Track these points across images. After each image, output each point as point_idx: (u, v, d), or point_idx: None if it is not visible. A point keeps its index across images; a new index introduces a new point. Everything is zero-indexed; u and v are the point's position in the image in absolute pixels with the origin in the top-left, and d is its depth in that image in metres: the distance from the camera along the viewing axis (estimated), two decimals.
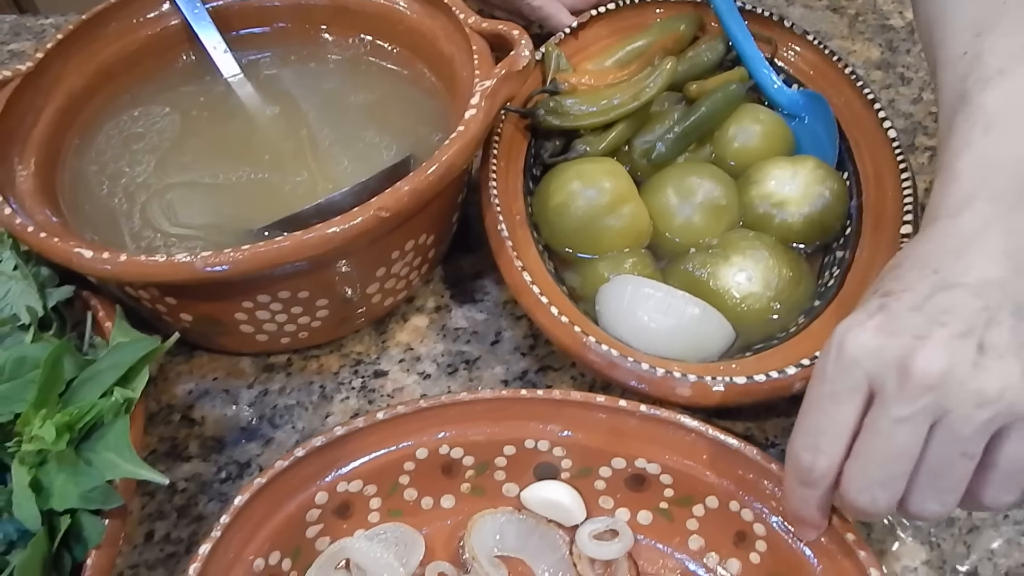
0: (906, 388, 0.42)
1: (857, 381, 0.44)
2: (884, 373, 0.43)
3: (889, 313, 0.45)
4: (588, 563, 0.56)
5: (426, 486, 0.59)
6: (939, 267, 0.46)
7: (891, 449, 0.44)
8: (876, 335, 0.44)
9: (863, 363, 0.44)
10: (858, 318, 0.45)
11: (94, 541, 0.49)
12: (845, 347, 0.44)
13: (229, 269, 0.55)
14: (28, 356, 0.54)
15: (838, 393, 0.45)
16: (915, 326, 0.43)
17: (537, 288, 0.62)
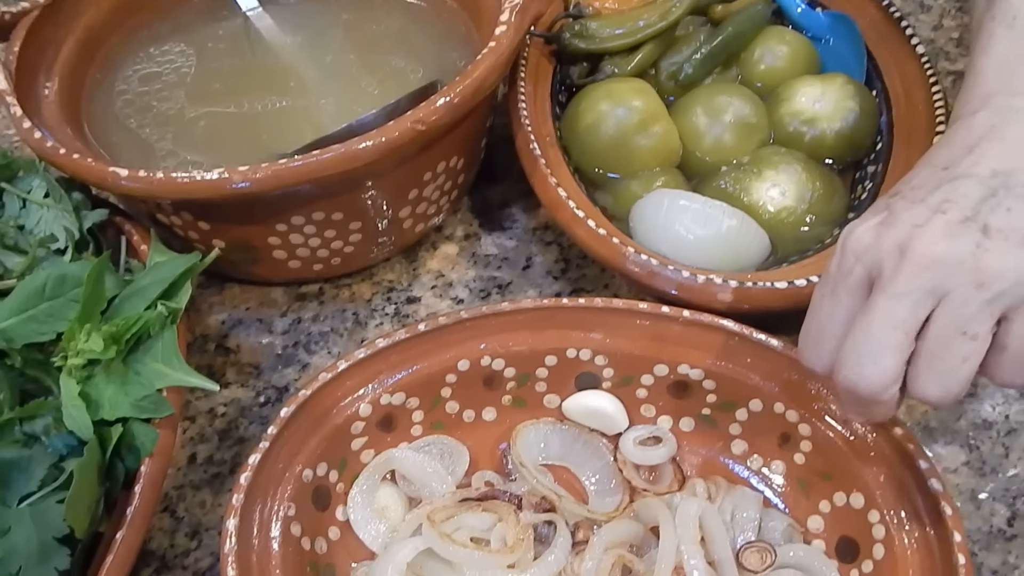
0: (903, 269, 0.42)
1: (857, 277, 0.44)
2: (882, 260, 0.43)
3: (892, 210, 0.44)
4: (633, 469, 0.56)
5: (468, 399, 0.59)
6: (949, 163, 0.45)
7: (884, 322, 0.42)
8: (876, 230, 0.44)
9: (862, 257, 0.44)
10: (864, 218, 0.46)
11: (147, 449, 0.49)
12: (847, 245, 0.45)
13: (267, 183, 0.55)
14: (69, 274, 0.54)
15: (838, 291, 0.45)
16: (915, 216, 0.43)
17: (573, 203, 0.62)
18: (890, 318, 0.42)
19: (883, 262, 0.43)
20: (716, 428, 0.58)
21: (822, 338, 0.46)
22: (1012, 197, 0.42)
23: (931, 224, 0.42)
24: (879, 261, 0.43)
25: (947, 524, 0.47)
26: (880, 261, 0.43)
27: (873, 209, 0.46)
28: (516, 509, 0.53)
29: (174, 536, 0.57)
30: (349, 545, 0.54)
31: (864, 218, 0.46)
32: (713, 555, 0.50)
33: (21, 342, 0.53)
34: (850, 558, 0.51)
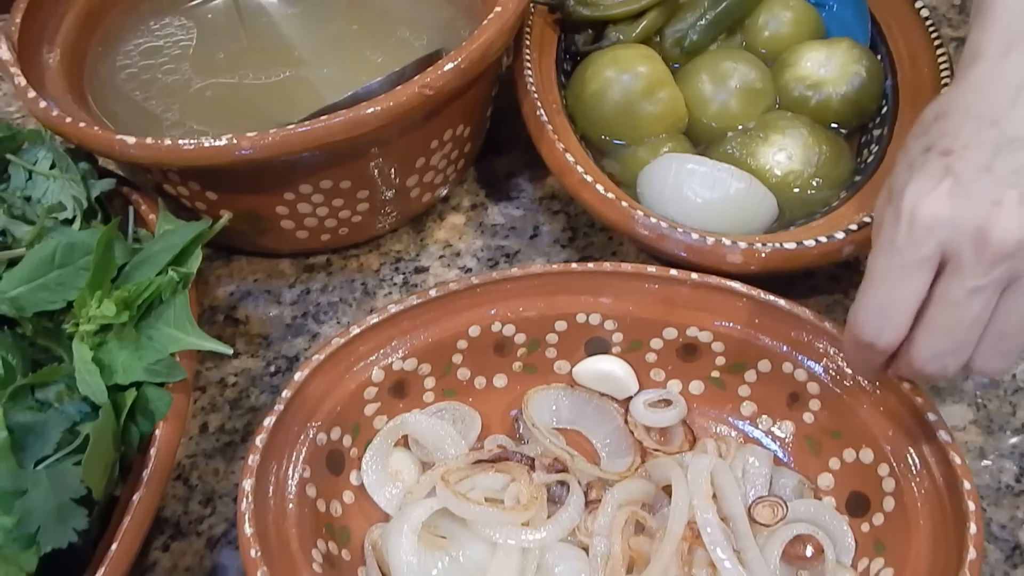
0: (983, 257, 0.41)
1: (930, 252, 0.43)
2: (960, 242, 0.42)
3: (957, 177, 0.43)
4: (644, 431, 0.57)
5: (479, 365, 0.59)
6: (996, 119, 0.44)
7: (965, 319, 0.43)
8: (950, 203, 0.42)
9: (937, 233, 0.42)
10: (924, 184, 0.43)
11: (161, 413, 0.49)
12: (918, 216, 0.43)
13: (275, 149, 0.55)
14: (78, 243, 0.54)
15: (908, 266, 0.43)
16: (988, 190, 0.42)
17: (581, 168, 0.62)
18: (970, 316, 0.43)
19: (960, 246, 0.42)
20: (725, 390, 0.58)
21: (890, 315, 0.45)
22: None
23: (1006, 203, 0.42)
24: (956, 243, 0.42)
25: (956, 473, 0.47)
26: (957, 243, 0.42)
27: (928, 171, 0.44)
28: (529, 470, 0.53)
29: (188, 503, 0.58)
30: (364, 509, 0.54)
31: (924, 184, 0.43)
32: (725, 510, 0.51)
33: (32, 310, 0.53)
34: (860, 512, 0.52)
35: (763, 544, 0.50)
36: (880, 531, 0.50)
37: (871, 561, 0.50)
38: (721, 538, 0.49)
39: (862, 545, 0.51)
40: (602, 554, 0.50)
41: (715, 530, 0.49)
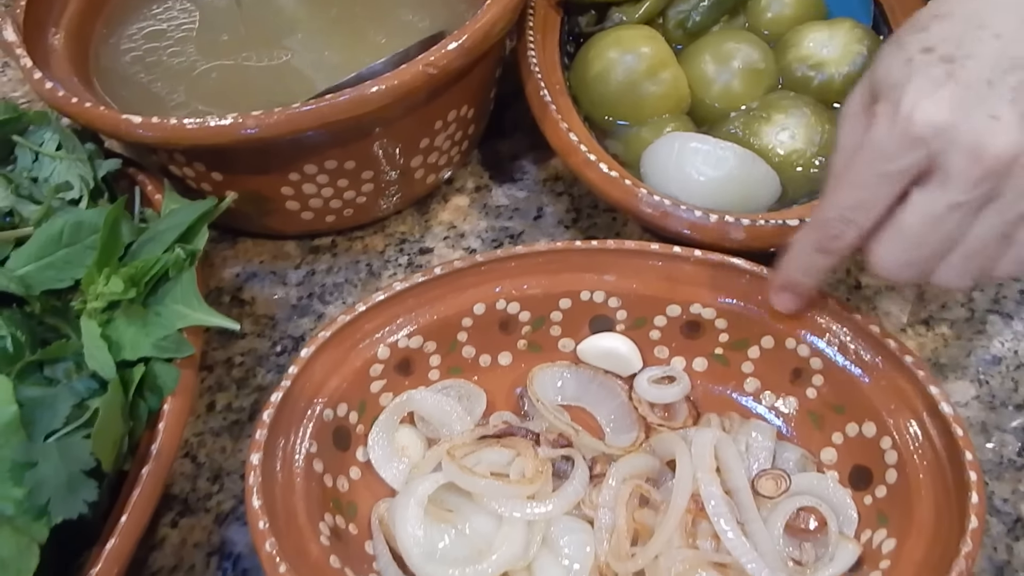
0: (972, 173, 0.41)
1: (920, 159, 0.42)
2: (952, 154, 0.41)
3: (960, 85, 0.41)
4: (648, 407, 0.57)
5: (484, 343, 0.59)
6: (1000, 32, 0.42)
7: (939, 234, 0.43)
8: (950, 110, 0.41)
9: (932, 141, 0.41)
10: (925, 86, 0.41)
11: (169, 388, 0.49)
12: (916, 119, 0.41)
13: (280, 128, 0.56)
14: (85, 221, 0.54)
15: (894, 172, 0.42)
16: (988, 104, 0.41)
17: (584, 147, 0.62)
18: (946, 231, 0.43)
19: (954, 157, 0.41)
20: (728, 367, 0.58)
21: (859, 217, 0.44)
22: None
23: (1005, 119, 0.41)
24: (949, 154, 0.41)
25: (958, 445, 0.47)
26: (951, 154, 0.41)
27: (928, 75, 0.42)
28: (534, 445, 0.53)
29: (196, 480, 0.58)
30: (371, 484, 0.54)
31: (923, 87, 0.42)
32: (728, 483, 0.51)
33: (39, 289, 0.53)
34: (863, 485, 0.52)
35: (767, 516, 0.51)
36: (883, 503, 0.51)
37: (874, 532, 0.50)
38: (725, 510, 0.49)
39: (865, 517, 0.51)
40: (607, 526, 0.50)
41: (719, 502, 0.49)
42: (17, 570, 0.40)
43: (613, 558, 0.49)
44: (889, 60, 0.44)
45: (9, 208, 0.58)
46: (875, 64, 0.45)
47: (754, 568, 0.47)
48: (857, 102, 0.46)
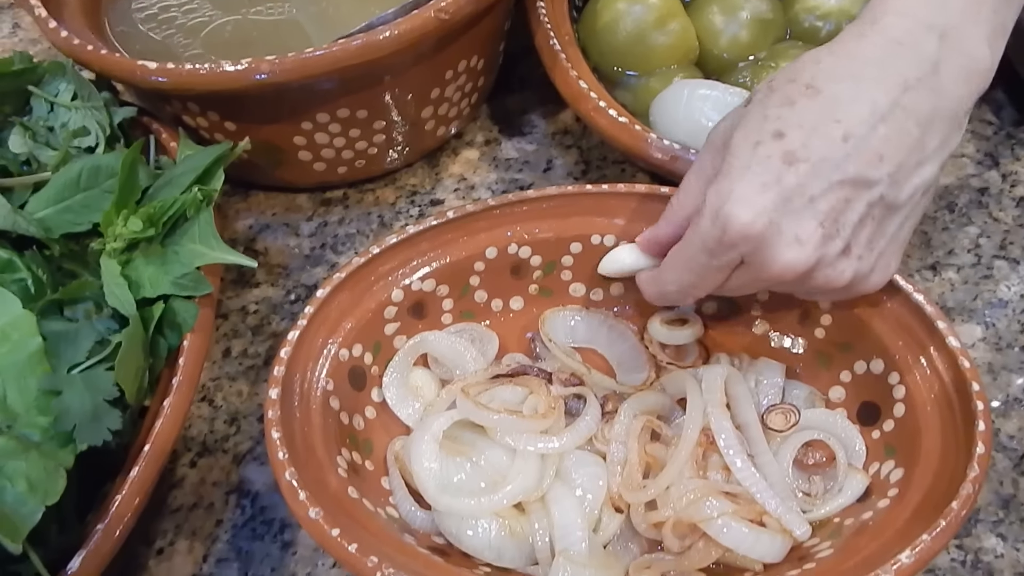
0: (769, 276, 0.46)
1: (734, 257, 0.47)
2: (756, 259, 0.46)
3: (783, 195, 0.44)
4: (659, 348, 0.58)
5: (496, 287, 0.60)
6: (849, 130, 0.45)
7: (746, 290, 0.51)
8: (765, 224, 0.45)
9: (741, 246, 0.46)
10: (752, 187, 0.45)
11: (188, 325, 0.50)
12: (731, 226, 0.45)
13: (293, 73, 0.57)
14: (102, 165, 0.55)
15: (716, 266, 0.48)
16: (800, 222, 0.45)
17: (595, 94, 0.63)
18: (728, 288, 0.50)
19: (753, 260, 0.47)
20: (737, 309, 0.59)
21: (694, 292, 0.51)
22: (878, 208, 0.46)
23: (807, 242, 0.45)
24: (752, 256, 0.46)
25: (965, 376, 0.48)
26: (753, 257, 0.46)
27: (764, 169, 0.45)
28: (547, 383, 0.54)
29: (213, 423, 0.59)
30: (386, 423, 0.55)
31: (753, 184, 0.45)
32: (738, 418, 0.52)
33: (58, 232, 0.54)
34: (871, 421, 0.53)
35: (776, 450, 0.52)
36: (890, 436, 0.52)
37: (881, 464, 0.51)
38: (735, 442, 0.50)
39: (872, 451, 0.52)
40: (619, 459, 0.51)
41: (729, 436, 0.50)
42: (45, 492, 0.41)
43: (625, 489, 0.50)
44: (747, 129, 0.46)
45: (26, 157, 0.59)
46: (741, 116, 0.48)
47: (764, 497, 0.48)
48: (717, 138, 0.49)
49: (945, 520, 0.43)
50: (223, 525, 0.54)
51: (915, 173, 0.46)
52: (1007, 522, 0.52)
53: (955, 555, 0.51)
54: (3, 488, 0.40)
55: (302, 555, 0.53)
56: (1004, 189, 0.68)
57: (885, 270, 0.49)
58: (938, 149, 0.46)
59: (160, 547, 0.53)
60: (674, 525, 0.48)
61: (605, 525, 0.50)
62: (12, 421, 0.43)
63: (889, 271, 0.49)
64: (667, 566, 0.48)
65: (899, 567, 0.42)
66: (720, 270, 0.48)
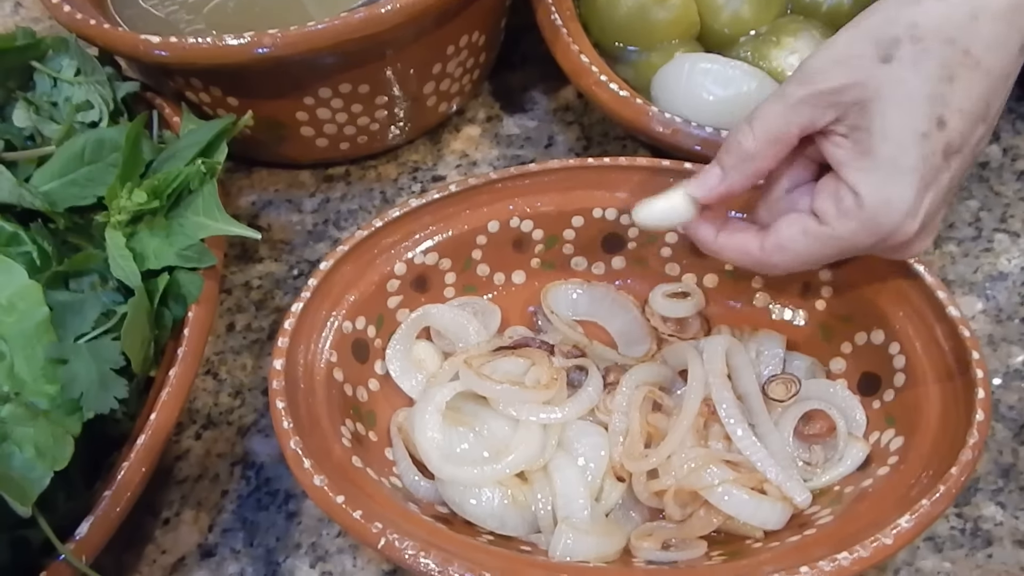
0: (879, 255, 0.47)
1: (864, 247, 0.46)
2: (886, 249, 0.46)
3: (940, 193, 0.44)
4: (661, 320, 0.58)
5: (498, 261, 0.60)
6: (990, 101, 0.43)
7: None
8: (922, 225, 0.44)
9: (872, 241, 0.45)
10: (915, 191, 0.42)
11: (193, 296, 0.51)
12: (896, 238, 0.44)
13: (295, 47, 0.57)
14: (106, 139, 0.56)
15: (843, 250, 0.46)
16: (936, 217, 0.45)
17: (596, 68, 0.63)
18: None
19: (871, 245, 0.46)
20: (739, 282, 0.59)
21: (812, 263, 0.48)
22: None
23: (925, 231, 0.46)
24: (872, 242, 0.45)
25: (965, 345, 0.48)
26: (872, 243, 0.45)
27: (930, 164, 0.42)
28: (549, 355, 0.54)
29: (217, 396, 0.59)
30: (389, 396, 0.56)
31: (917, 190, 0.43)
32: (740, 388, 0.52)
33: (63, 205, 0.55)
34: (872, 391, 0.53)
35: (777, 420, 0.52)
36: (891, 406, 0.52)
37: (882, 433, 0.51)
38: (736, 412, 0.50)
39: (873, 420, 0.52)
40: (621, 430, 0.51)
41: (730, 405, 0.51)
42: (53, 458, 0.41)
43: (627, 458, 0.50)
44: (911, 107, 0.42)
45: (31, 130, 0.59)
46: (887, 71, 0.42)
47: (764, 465, 0.49)
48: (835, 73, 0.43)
49: (945, 486, 0.43)
50: (228, 496, 0.55)
51: (983, 140, 0.44)
52: (1006, 491, 0.52)
53: (955, 523, 0.51)
54: (12, 454, 0.40)
55: (307, 525, 0.53)
56: (1005, 163, 0.68)
57: (936, 229, 0.47)
58: (998, 110, 0.44)
59: (166, 517, 0.54)
60: (675, 493, 0.49)
61: (607, 494, 0.50)
62: (20, 389, 0.43)
63: (937, 230, 0.48)
64: (668, 534, 0.49)
65: (899, 531, 0.42)
66: (841, 252, 0.46)
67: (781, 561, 0.44)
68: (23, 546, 0.43)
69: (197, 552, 0.53)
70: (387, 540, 0.43)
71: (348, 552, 0.52)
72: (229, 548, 0.53)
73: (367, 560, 0.52)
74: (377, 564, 0.52)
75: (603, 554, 0.47)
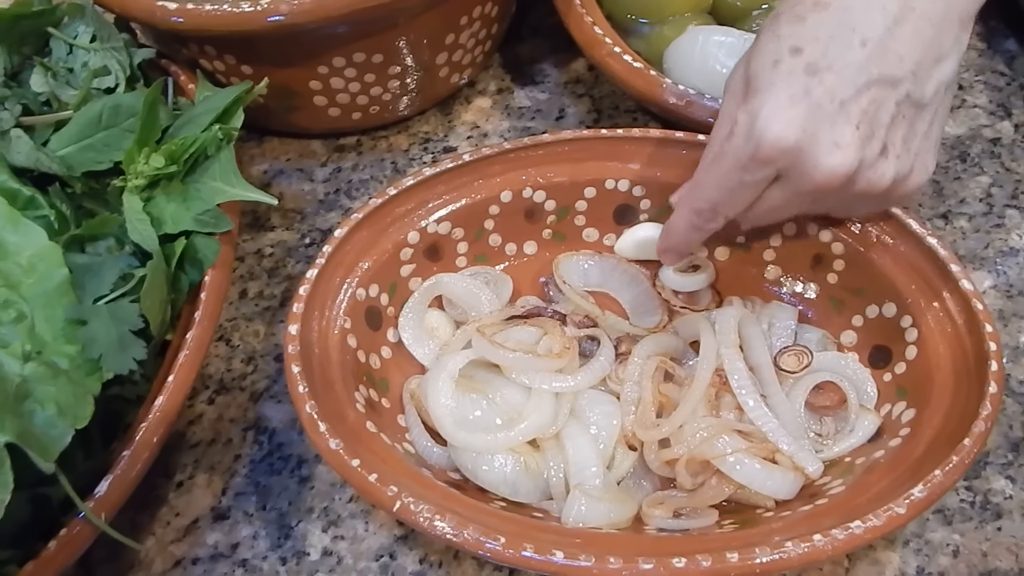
0: (808, 187, 0.46)
1: (769, 173, 0.47)
2: (794, 172, 0.46)
3: (812, 105, 0.44)
4: (671, 292, 0.58)
5: (510, 231, 0.60)
6: (866, 35, 0.45)
7: (775, 213, 0.51)
8: (799, 133, 0.45)
9: (779, 160, 0.46)
10: (781, 103, 0.45)
11: (210, 260, 0.51)
12: (766, 140, 0.45)
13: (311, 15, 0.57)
14: (123, 104, 0.56)
15: (750, 182, 0.48)
16: (835, 128, 0.45)
17: (609, 40, 0.63)
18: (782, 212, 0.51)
19: (791, 172, 0.46)
20: (750, 255, 0.59)
21: (724, 210, 0.50)
22: (907, 105, 0.46)
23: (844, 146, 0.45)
24: (790, 170, 0.46)
25: (978, 318, 0.49)
26: (791, 170, 0.46)
27: (789, 84, 0.45)
28: (561, 324, 0.55)
29: (230, 362, 0.60)
30: (401, 363, 0.56)
31: (782, 99, 0.45)
32: (751, 360, 0.53)
33: (80, 170, 0.55)
34: (883, 363, 0.54)
35: (788, 391, 0.52)
36: (902, 378, 0.52)
37: (893, 405, 0.52)
38: (748, 383, 0.51)
39: (884, 393, 0.53)
40: (633, 399, 0.52)
41: (742, 376, 0.51)
42: (75, 416, 0.41)
43: (639, 427, 0.51)
44: (763, 53, 0.47)
45: (47, 95, 0.59)
46: (753, 47, 0.48)
47: (776, 436, 0.49)
48: (737, 80, 0.49)
49: (957, 456, 0.44)
50: (241, 460, 0.55)
51: (936, 69, 0.46)
52: (1016, 464, 0.53)
53: (964, 496, 0.52)
54: (34, 411, 0.40)
55: (319, 489, 0.54)
56: (1016, 139, 0.68)
57: (923, 169, 0.49)
58: (953, 46, 0.46)
59: (180, 480, 0.54)
60: (687, 462, 0.49)
61: (619, 462, 0.51)
62: (41, 348, 0.43)
63: (927, 171, 0.49)
64: (680, 502, 0.49)
65: (912, 501, 0.42)
66: (754, 187, 0.48)
67: (793, 530, 0.44)
68: (43, 503, 0.43)
69: (210, 515, 0.53)
70: (402, 503, 0.43)
71: (360, 517, 0.53)
72: (242, 511, 0.53)
73: (379, 524, 0.52)
74: (389, 529, 0.52)
75: (615, 521, 0.47)
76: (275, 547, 0.51)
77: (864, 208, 0.53)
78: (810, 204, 0.50)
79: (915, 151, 0.48)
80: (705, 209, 0.51)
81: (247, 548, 0.51)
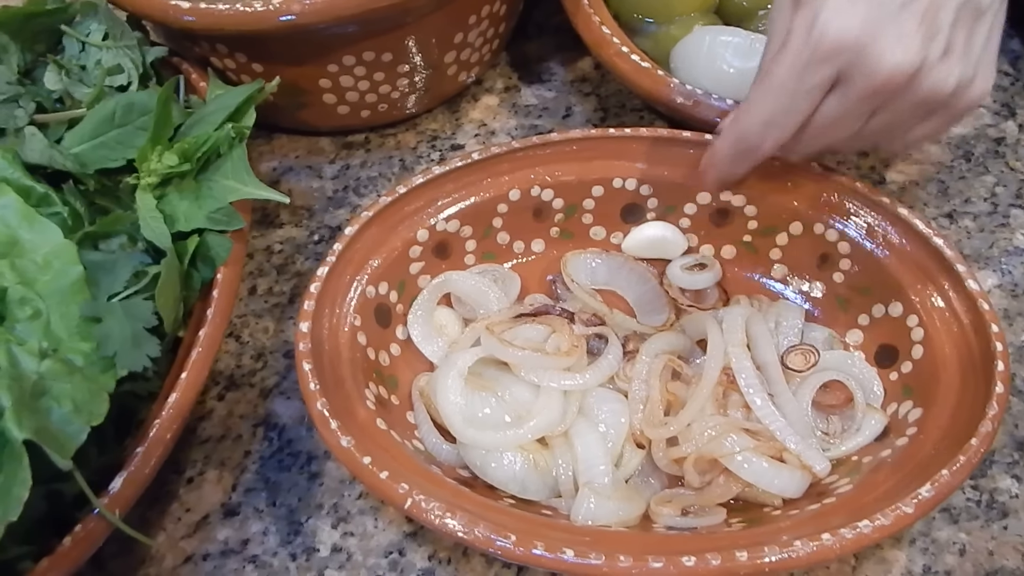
0: (871, 88, 0.45)
1: (830, 74, 0.45)
2: (857, 72, 0.44)
3: (875, 2, 0.43)
4: (679, 291, 0.59)
5: (518, 229, 0.61)
6: None
7: (841, 129, 0.48)
8: (860, 29, 0.43)
9: (840, 58, 0.44)
10: (841, 1, 0.44)
11: (222, 258, 0.51)
12: (827, 37, 0.44)
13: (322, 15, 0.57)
14: (136, 102, 0.56)
15: (808, 87, 0.46)
16: (898, 24, 0.43)
17: (617, 40, 0.63)
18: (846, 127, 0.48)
19: (856, 74, 0.45)
20: (757, 254, 0.60)
21: (784, 124, 0.48)
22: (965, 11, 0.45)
23: (907, 40, 0.44)
24: (852, 69, 0.45)
25: (985, 318, 0.49)
26: (855, 72, 0.45)
27: None
28: (569, 322, 0.55)
29: (240, 358, 0.60)
30: (410, 361, 0.56)
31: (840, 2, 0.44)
32: (759, 358, 0.53)
33: (93, 167, 0.55)
34: (889, 363, 0.54)
35: (795, 390, 0.53)
36: (908, 378, 0.53)
37: (899, 404, 0.52)
38: (755, 381, 0.51)
39: (890, 392, 0.53)
40: (641, 397, 0.52)
41: (749, 374, 0.51)
42: (90, 413, 0.42)
43: (647, 425, 0.51)
44: None
45: (60, 93, 0.59)
46: None
47: (783, 434, 0.49)
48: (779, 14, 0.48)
49: (964, 456, 0.44)
50: (251, 456, 0.56)
51: None
52: (1022, 463, 0.53)
53: (970, 495, 0.52)
54: (50, 408, 0.41)
55: (328, 486, 0.54)
56: (1021, 139, 0.68)
57: (985, 78, 0.47)
58: None
59: (190, 476, 0.55)
60: (695, 460, 0.50)
61: (627, 461, 0.51)
62: (56, 345, 0.44)
63: (989, 79, 0.47)
64: (687, 500, 0.49)
65: (919, 500, 0.43)
66: (811, 93, 0.46)
67: (801, 528, 0.44)
68: (56, 499, 0.43)
69: (220, 511, 0.53)
70: (413, 501, 0.44)
71: (369, 513, 0.53)
72: (252, 507, 0.53)
73: (388, 521, 0.53)
74: (398, 525, 0.52)
75: (624, 519, 0.48)
76: (285, 543, 0.52)
77: (921, 130, 0.50)
78: (867, 121, 0.48)
79: (976, 56, 0.46)
80: (754, 131, 0.49)
81: (257, 544, 0.52)
